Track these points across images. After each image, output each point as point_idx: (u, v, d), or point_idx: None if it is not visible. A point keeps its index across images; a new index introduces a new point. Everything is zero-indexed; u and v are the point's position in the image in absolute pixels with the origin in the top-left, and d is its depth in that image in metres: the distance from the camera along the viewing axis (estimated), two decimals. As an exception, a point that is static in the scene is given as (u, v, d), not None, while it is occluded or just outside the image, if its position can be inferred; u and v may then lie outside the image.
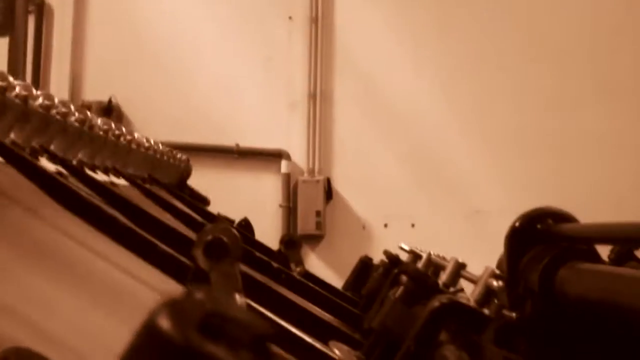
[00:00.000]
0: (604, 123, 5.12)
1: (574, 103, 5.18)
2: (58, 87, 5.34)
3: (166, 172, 2.19)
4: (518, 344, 2.21)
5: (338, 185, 5.28)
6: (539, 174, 5.13)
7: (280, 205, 5.24)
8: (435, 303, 0.96)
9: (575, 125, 5.14)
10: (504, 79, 5.24)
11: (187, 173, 2.55)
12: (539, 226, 2.45)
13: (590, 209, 4.47)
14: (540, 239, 2.39)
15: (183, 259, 0.98)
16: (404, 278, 1.20)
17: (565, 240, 2.33)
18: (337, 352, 1.14)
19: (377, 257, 2.78)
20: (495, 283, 0.95)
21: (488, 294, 0.96)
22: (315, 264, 5.20)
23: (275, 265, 1.63)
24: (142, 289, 0.97)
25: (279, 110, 5.34)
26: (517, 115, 5.21)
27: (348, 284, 2.30)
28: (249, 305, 0.97)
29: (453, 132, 5.25)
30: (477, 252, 3.26)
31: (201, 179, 5.26)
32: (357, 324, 1.54)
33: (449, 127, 5.26)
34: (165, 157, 2.12)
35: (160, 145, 2.05)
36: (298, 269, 1.83)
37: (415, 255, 1.86)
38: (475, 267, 2.47)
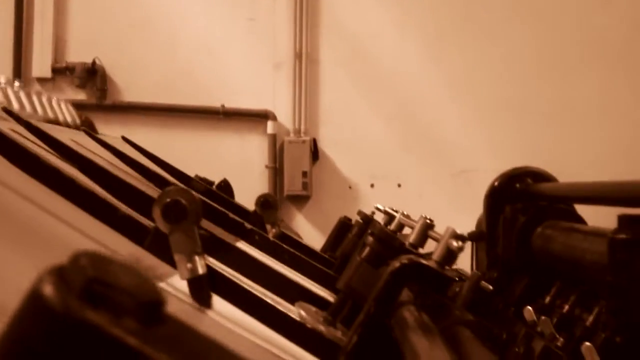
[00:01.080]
0: (594, 88, 5.10)
1: (564, 66, 5.15)
2: (41, 49, 5.29)
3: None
4: (490, 307, 2.23)
5: (324, 146, 5.27)
6: (526, 134, 5.12)
7: (267, 166, 5.23)
8: (396, 264, 0.96)
9: (565, 89, 5.13)
10: (492, 41, 5.20)
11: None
12: (518, 185, 2.46)
13: (577, 170, 4.51)
14: (519, 198, 2.40)
15: (144, 221, 0.98)
16: (369, 239, 1.20)
17: (544, 200, 2.34)
18: (302, 312, 1.15)
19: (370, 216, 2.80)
20: (455, 244, 0.95)
21: (449, 254, 0.96)
22: (302, 224, 5.21)
23: (248, 226, 1.64)
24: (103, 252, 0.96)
25: (265, 71, 5.30)
26: (505, 77, 5.19)
27: (327, 245, 2.31)
28: (210, 267, 0.97)
29: (440, 92, 5.23)
30: (463, 211, 3.27)
31: (187, 141, 5.26)
32: (331, 284, 1.55)
33: (436, 87, 5.24)
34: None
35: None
36: (274, 230, 1.83)
37: (390, 216, 1.86)
38: (462, 226, 2.48)
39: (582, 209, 2.16)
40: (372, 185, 5.25)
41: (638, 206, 1.64)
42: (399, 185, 5.22)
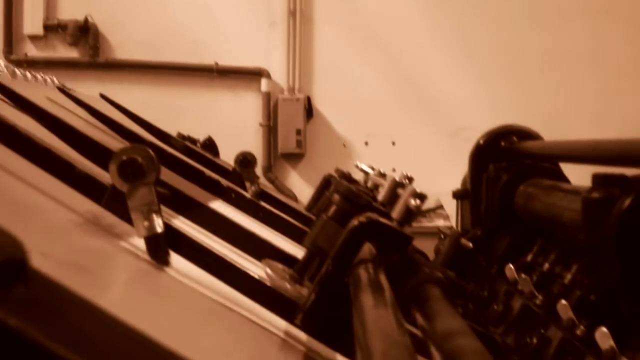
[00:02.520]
0: (588, 41, 5.06)
1: (558, 21, 5.10)
2: (32, 6, 5.23)
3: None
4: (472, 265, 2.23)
5: (318, 104, 5.25)
6: (521, 91, 5.10)
7: (261, 124, 5.21)
8: (354, 222, 0.96)
9: (559, 43, 5.08)
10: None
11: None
12: (503, 143, 2.45)
13: (572, 126, 4.48)
14: (503, 156, 2.39)
15: (101, 178, 0.97)
16: (335, 197, 1.19)
17: (528, 158, 2.33)
18: (268, 270, 1.15)
19: (357, 176, 2.79)
20: (413, 202, 0.94)
21: (408, 213, 0.96)
22: (296, 182, 5.21)
23: (224, 184, 1.63)
24: (59, 209, 0.96)
25: (259, 28, 5.26)
26: (500, 33, 5.14)
27: (312, 203, 2.31)
28: (169, 225, 0.97)
29: (435, 50, 5.19)
30: (458, 169, 3.26)
31: (181, 99, 5.23)
32: (308, 242, 1.55)
33: (431, 45, 5.19)
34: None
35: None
36: (253, 188, 1.83)
37: (369, 175, 1.86)
38: (456, 184, 2.48)
39: (573, 168, 2.15)
40: (366, 143, 5.24)
41: (619, 165, 1.63)
42: (393, 143, 5.21)
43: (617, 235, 1.36)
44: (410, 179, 1.75)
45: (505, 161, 2.23)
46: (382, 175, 1.67)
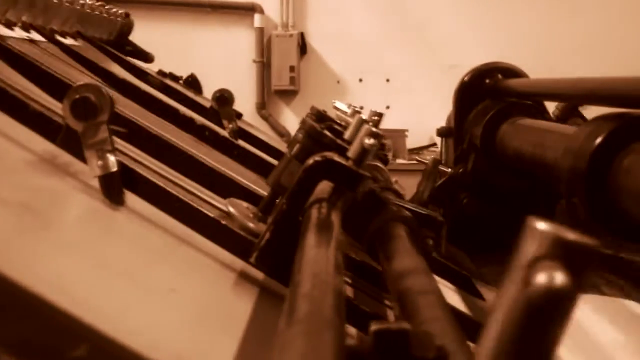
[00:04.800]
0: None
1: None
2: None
3: (100, 29, 2.12)
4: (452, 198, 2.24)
5: (312, 40, 5.19)
6: (516, 29, 5.03)
7: (254, 61, 5.17)
8: (309, 160, 0.96)
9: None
10: None
11: (128, 29, 2.48)
12: (487, 81, 2.43)
13: (570, 64, 4.43)
14: (487, 93, 2.38)
15: (55, 117, 0.97)
16: (299, 135, 1.19)
17: (513, 96, 2.32)
18: (231, 208, 1.15)
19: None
20: (367, 141, 0.94)
21: (363, 152, 0.95)
22: (290, 119, 5.19)
23: (198, 122, 1.62)
24: (13, 149, 0.96)
25: (251, -39, 5.17)
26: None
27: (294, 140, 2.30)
28: (124, 164, 0.96)
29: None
30: (451, 106, 3.24)
31: (172, 35, 5.17)
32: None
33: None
34: (97, 12, 2.05)
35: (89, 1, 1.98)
36: (230, 126, 1.82)
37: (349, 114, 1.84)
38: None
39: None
40: (360, 80, 5.20)
41: (602, 103, 1.62)
42: (388, 80, 5.17)
43: (588, 173, 1.36)
44: (380, 115, 1.74)
45: (490, 99, 2.22)
46: (359, 114, 1.66)
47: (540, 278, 0.32)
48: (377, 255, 1.17)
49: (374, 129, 0.95)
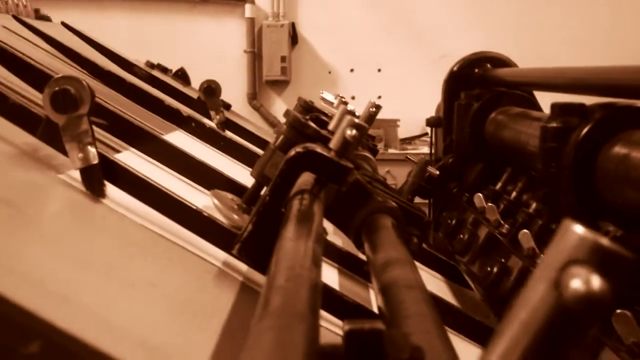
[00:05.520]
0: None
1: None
2: None
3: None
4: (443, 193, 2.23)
5: (303, 30, 5.17)
6: (507, 18, 5.02)
7: (245, 51, 5.15)
8: (292, 152, 0.95)
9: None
10: None
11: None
12: (476, 71, 2.43)
13: (562, 54, 4.42)
14: (476, 83, 2.37)
15: (36, 110, 0.96)
16: (283, 127, 1.18)
17: (501, 85, 2.31)
18: (215, 200, 1.15)
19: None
20: (349, 132, 0.93)
21: (345, 143, 0.95)
22: (282, 109, 5.16)
23: (185, 113, 1.62)
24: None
25: (242, -49, 5.15)
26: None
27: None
28: (105, 156, 0.96)
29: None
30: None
31: (163, 26, 5.15)
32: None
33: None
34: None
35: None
36: (217, 117, 1.81)
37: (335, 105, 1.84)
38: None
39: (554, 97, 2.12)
40: (351, 70, 5.19)
41: (589, 93, 1.62)
42: (379, 70, 5.16)
43: (574, 165, 1.36)
44: (378, 107, 1.73)
45: (478, 88, 2.22)
46: (345, 104, 1.65)
47: (576, 282, 0.31)
48: (362, 245, 1.16)
49: (356, 120, 0.94)
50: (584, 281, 0.31)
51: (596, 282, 0.31)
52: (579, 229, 0.33)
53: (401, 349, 0.48)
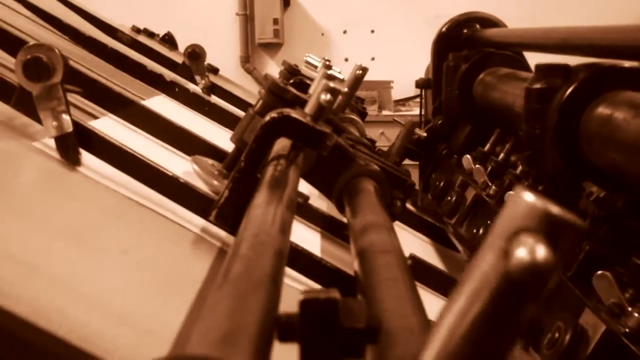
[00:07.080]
0: None
1: None
2: None
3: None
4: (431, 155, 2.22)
5: (295, -9, 5.13)
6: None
7: (237, 14, 5.10)
8: (267, 117, 0.95)
9: None
10: None
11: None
12: (465, 31, 2.41)
13: (560, 15, 4.39)
14: (465, 44, 2.35)
15: (9, 78, 0.95)
16: (262, 91, 1.18)
17: (489, 46, 2.29)
18: (195, 166, 1.15)
19: (337, 65, 2.75)
20: (323, 97, 0.93)
21: (320, 108, 0.94)
22: (275, 72, 5.13)
23: (168, 78, 1.60)
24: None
25: None
26: None
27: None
28: (80, 124, 0.95)
29: None
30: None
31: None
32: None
33: None
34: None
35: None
36: (203, 82, 1.80)
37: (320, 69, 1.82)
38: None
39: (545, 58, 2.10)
40: (344, 32, 5.14)
41: (576, 53, 1.61)
42: (372, 32, 5.12)
43: (558, 125, 1.35)
44: (364, 70, 1.72)
45: (467, 50, 2.20)
46: (329, 68, 1.64)
47: (521, 251, 0.31)
48: (344, 209, 1.17)
49: (331, 84, 0.94)
50: (529, 250, 0.31)
51: (541, 251, 0.30)
52: (529, 196, 0.32)
53: (357, 317, 0.48)
